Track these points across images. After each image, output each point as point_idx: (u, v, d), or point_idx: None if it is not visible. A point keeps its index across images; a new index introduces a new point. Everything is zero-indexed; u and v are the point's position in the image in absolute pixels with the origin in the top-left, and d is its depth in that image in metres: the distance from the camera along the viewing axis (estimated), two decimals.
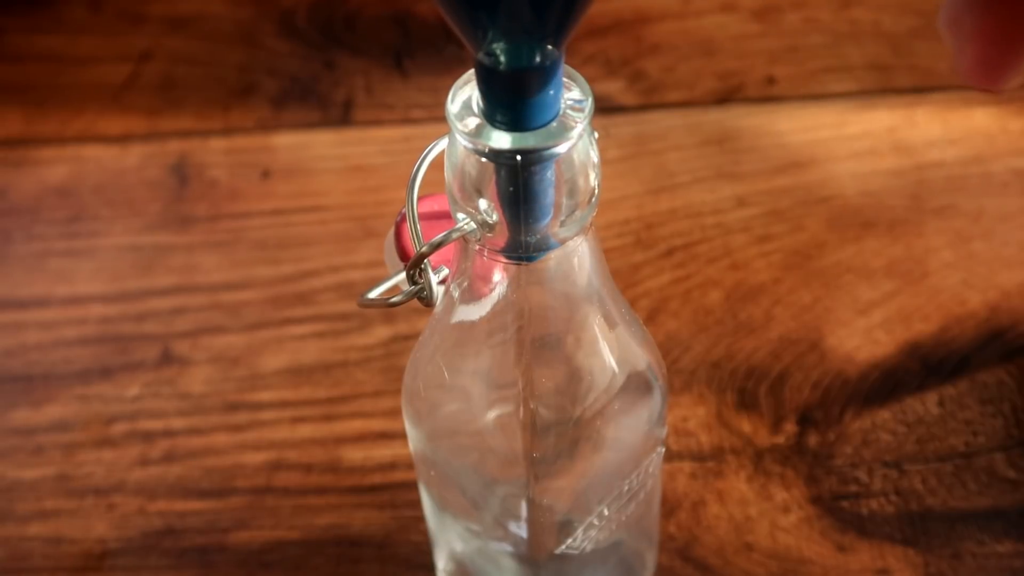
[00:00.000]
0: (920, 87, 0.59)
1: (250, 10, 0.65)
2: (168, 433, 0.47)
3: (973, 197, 0.54)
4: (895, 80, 0.60)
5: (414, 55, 0.62)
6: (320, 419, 0.47)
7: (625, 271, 0.51)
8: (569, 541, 0.33)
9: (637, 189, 0.55)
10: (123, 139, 0.59)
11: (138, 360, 0.49)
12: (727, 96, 0.60)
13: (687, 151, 0.57)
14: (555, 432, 0.31)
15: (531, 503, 0.31)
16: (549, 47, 0.23)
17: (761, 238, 0.53)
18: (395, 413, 0.47)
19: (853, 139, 0.57)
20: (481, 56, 0.23)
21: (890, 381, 0.47)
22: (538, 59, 0.23)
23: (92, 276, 0.53)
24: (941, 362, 0.48)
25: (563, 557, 0.33)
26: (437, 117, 0.58)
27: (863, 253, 0.52)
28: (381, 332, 0.49)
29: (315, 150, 0.58)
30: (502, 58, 0.23)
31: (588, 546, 0.34)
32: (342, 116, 0.59)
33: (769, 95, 0.60)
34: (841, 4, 0.64)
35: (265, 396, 0.48)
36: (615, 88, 0.60)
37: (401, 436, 0.46)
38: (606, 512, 0.34)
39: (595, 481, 0.32)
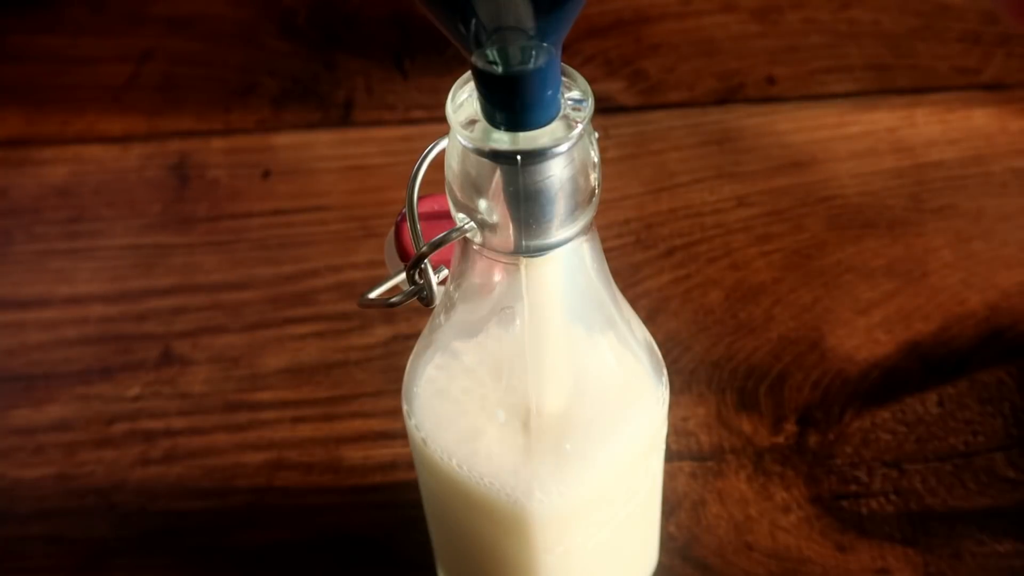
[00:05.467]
0: (920, 87, 0.60)
1: (250, 10, 0.65)
2: (169, 433, 0.47)
3: (973, 197, 0.54)
4: (895, 80, 0.60)
5: (414, 55, 0.62)
6: (320, 419, 0.47)
7: (625, 271, 0.51)
8: (569, 541, 0.33)
9: (637, 189, 0.55)
10: (124, 139, 0.59)
11: (139, 360, 0.49)
12: (727, 96, 0.60)
13: (687, 151, 0.57)
14: (556, 432, 0.31)
15: (531, 502, 0.31)
16: (543, 45, 0.23)
17: (761, 238, 0.53)
18: (395, 413, 0.47)
19: (853, 139, 0.57)
20: (475, 59, 0.23)
21: (890, 381, 0.47)
22: (532, 60, 0.23)
23: (93, 276, 0.53)
24: (941, 362, 0.48)
25: (564, 556, 0.33)
26: (437, 117, 0.58)
27: (863, 253, 0.52)
28: (381, 332, 0.49)
29: (315, 150, 0.58)
30: (497, 61, 0.23)
31: (588, 546, 0.34)
32: (342, 116, 0.59)
33: (769, 95, 0.60)
34: (841, 4, 0.64)
35: (265, 396, 0.48)
36: (615, 88, 0.60)
37: (401, 436, 0.46)
38: (607, 512, 0.34)
39: (596, 481, 0.32)
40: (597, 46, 0.62)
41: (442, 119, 0.26)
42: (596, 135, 0.26)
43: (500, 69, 0.23)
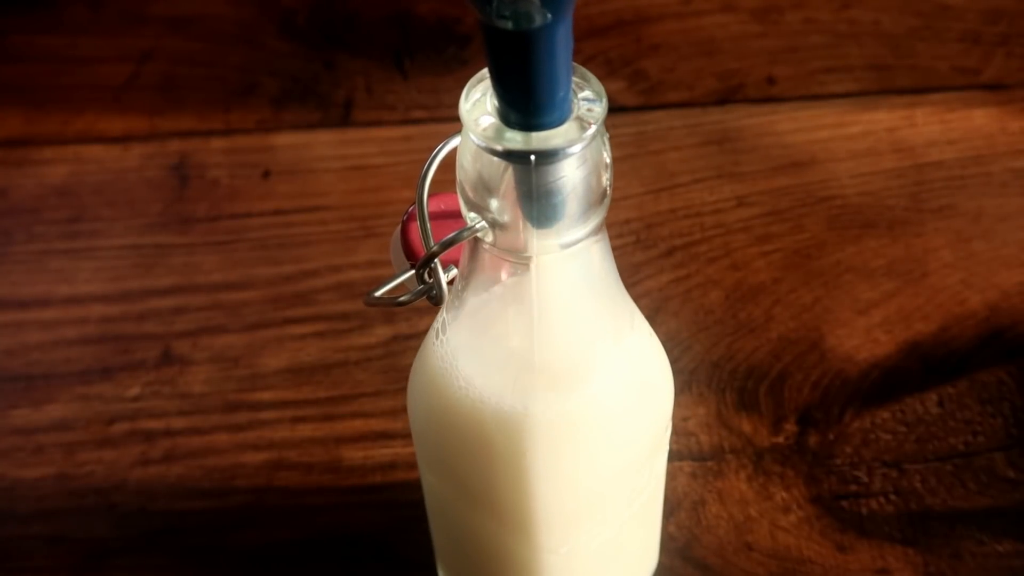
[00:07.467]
0: (920, 87, 0.60)
1: (251, 10, 0.65)
2: (168, 433, 0.47)
3: (973, 197, 0.54)
4: (895, 80, 0.60)
5: (414, 55, 0.62)
6: (320, 419, 0.47)
7: (625, 271, 0.51)
8: (573, 540, 0.33)
9: (637, 189, 0.55)
10: (124, 139, 0.59)
11: (139, 360, 0.49)
12: (727, 96, 0.60)
13: (687, 151, 0.57)
14: (562, 432, 0.31)
15: (536, 502, 0.31)
16: (547, 14, 0.23)
17: (761, 238, 0.53)
18: (395, 413, 0.47)
19: (853, 139, 0.57)
20: (490, 19, 0.23)
21: (890, 381, 0.47)
22: (541, 19, 0.23)
23: (93, 276, 0.53)
24: (941, 362, 0.48)
25: (567, 556, 0.33)
26: (437, 118, 0.58)
27: (863, 253, 0.52)
28: (381, 332, 0.49)
29: (315, 150, 0.58)
30: (508, 16, 0.23)
31: (592, 546, 0.34)
32: (342, 116, 0.59)
33: (769, 95, 0.60)
34: (841, 4, 0.64)
35: (265, 396, 0.48)
36: (615, 88, 0.60)
37: (401, 436, 0.46)
38: (610, 512, 0.34)
39: (600, 481, 0.32)
40: (597, 46, 0.62)
41: (442, 119, 0.26)
42: (608, 136, 0.26)
43: (511, 25, 0.23)
